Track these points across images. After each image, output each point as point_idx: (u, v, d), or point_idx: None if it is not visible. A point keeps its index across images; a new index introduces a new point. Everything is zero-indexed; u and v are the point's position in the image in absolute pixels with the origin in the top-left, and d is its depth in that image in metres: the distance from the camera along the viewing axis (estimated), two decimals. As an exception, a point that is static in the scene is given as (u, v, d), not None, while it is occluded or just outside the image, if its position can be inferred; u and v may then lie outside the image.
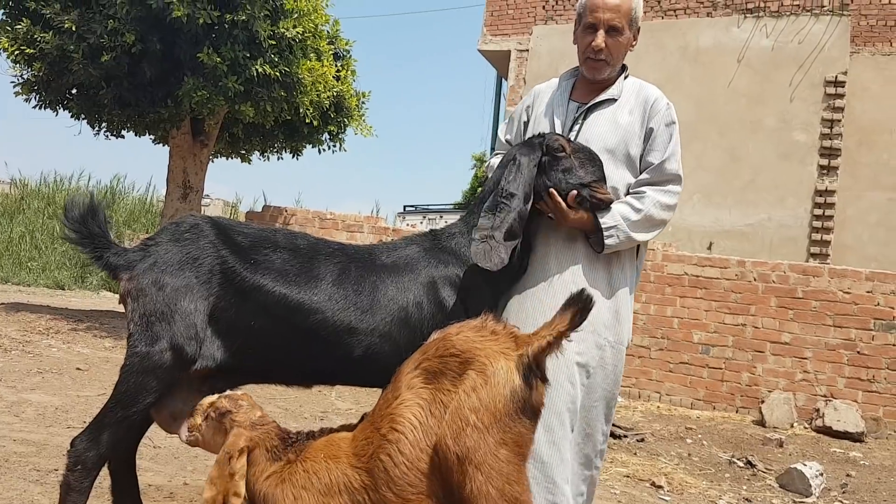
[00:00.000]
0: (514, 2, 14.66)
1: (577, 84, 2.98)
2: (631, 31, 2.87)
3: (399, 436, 2.12)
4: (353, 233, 10.17)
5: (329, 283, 2.52)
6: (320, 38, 9.08)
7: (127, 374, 2.42)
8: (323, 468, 2.23)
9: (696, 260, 8.74)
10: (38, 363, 6.43)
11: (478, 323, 2.22)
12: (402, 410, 2.14)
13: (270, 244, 2.57)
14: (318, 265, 2.56)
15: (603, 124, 2.83)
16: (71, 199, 2.59)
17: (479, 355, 2.13)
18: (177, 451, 4.39)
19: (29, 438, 4.25)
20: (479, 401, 2.07)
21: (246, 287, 2.48)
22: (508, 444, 2.07)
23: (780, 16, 12.46)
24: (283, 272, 2.51)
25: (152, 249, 2.52)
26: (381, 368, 2.51)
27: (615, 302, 2.80)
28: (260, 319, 2.47)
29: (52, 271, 14.68)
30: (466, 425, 2.05)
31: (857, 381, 7.92)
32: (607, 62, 2.83)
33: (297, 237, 2.64)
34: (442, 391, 2.13)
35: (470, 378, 2.10)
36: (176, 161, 9.78)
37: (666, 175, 2.81)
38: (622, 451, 6.11)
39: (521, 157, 2.67)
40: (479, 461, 2.03)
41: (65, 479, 2.43)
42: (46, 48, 7.90)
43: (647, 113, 2.85)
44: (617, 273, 2.82)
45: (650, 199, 2.76)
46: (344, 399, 6.80)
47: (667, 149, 2.81)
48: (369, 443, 2.20)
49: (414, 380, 2.18)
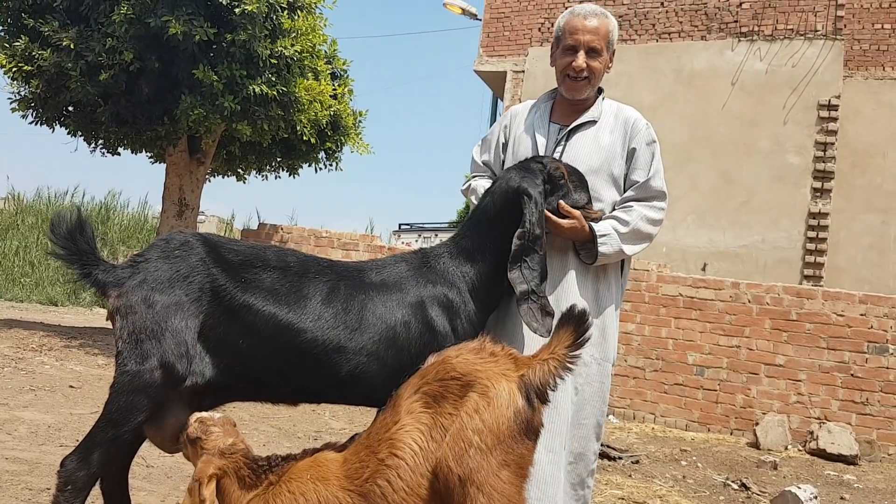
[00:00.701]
0: (510, 24, 14.76)
1: (556, 106, 3.03)
2: (608, 53, 2.94)
3: (399, 461, 2.10)
4: (349, 251, 10.15)
5: (318, 302, 2.51)
6: (318, 57, 9.11)
7: (117, 392, 2.39)
8: (311, 489, 2.21)
9: (690, 281, 8.74)
10: (30, 380, 6.39)
11: (476, 345, 2.22)
12: (403, 435, 2.13)
13: (261, 262, 2.55)
14: (307, 283, 2.54)
15: (586, 145, 2.89)
16: (58, 215, 2.53)
17: (481, 377, 2.12)
18: (170, 471, 4.35)
19: (21, 457, 4.21)
20: (482, 422, 2.06)
21: (236, 305, 2.46)
22: (510, 465, 2.07)
23: (774, 40, 12.55)
24: (272, 291, 2.49)
25: (142, 266, 2.48)
26: (368, 387, 2.51)
27: (602, 319, 2.85)
28: (249, 338, 2.46)
29: (46, 287, 14.63)
30: (469, 447, 2.04)
31: (851, 404, 7.91)
32: (589, 81, 2.89)
33: (287, 255, 2.63)
34: (443, 415, 2.12)
35: (472, 400, 2.09)
36: (172, 178, 9.78)
37: (652, 192, 2.87)
38: (617, 472, 6.07)
39: (531, 189, 2.66)
40: (482, 482, 2.02)
41: (55, 500, 2.39)
42: (44, 65, 7.92)
43: (628, 133, 2.91)
44: (603, 290, 2.87)
45: (637, 213, 2.82)
46: (338, 418, 6.76)
47: (650, 167, 2.88)
48: (364, 466, 2.17)
49: (414, 404, 2.16)
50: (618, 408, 8.72)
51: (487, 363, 2.16)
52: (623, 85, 12.55)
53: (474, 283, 2.67)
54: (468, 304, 2.63)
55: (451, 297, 2.61)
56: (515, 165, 2.84)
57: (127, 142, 9.54)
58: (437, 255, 2.73)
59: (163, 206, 9.91)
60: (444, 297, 2.60)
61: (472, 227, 2.77)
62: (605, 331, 2.85)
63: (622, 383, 8.73)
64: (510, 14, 14.76)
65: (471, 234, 2.75)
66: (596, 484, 5.43)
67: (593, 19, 2.88)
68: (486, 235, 2.72)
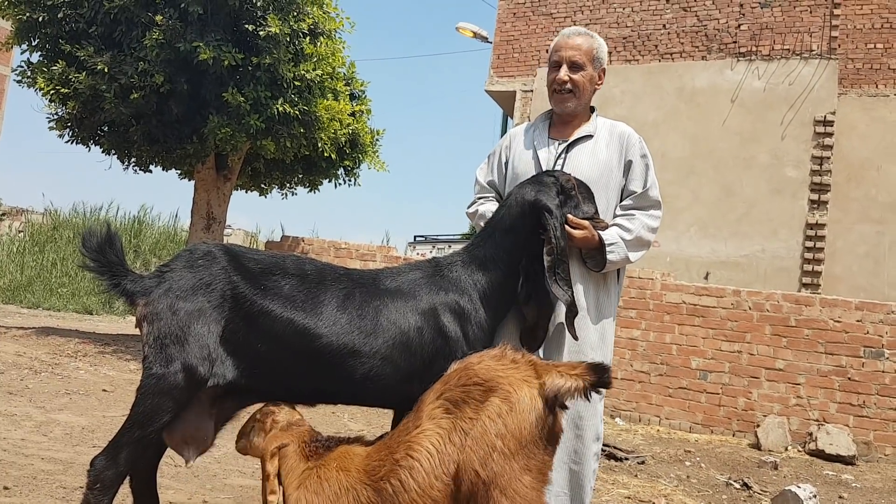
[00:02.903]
0: (519, 46, 14.77)
1: (553, 124, 3.10)
2: (594, 69, 3.00)
3: (414, 463, 2.10)
4: (367, 261, 10.15)
5: (334, 308, 2.50)
6: (337, 79, 9.15)
7: (143, 395, 2.40)
8: (333, 477, 2.25)
9: (693, 289, 8.69)
10: (66, 385, 6.41)
11: (497, 352, 2.21)
12: (421, 439, 2.13)
13: (280, 270, 2.56)
14: (324, 290, 2.54)
15: (584, 159, 2.92)
16: (88, 230, 2.57)
17: (503, 383, 2.10)
18: (197, 471, 4.35)
19: (56, 457, 4.22)
20: (505, 427, 2.04)
21: (255, 311, 2.46)
22: (532, 470, 2.05)
23: (772, 59, 12.49)
24: (290, 297, 2.49)
25: (167, 276, 2.50)
26: (382, 389, 2.50)
27: (601, 325, 2.87)
28: (268, 342, 2.46)
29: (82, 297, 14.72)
30: (493, 450, 2.02)
31: (849, 407, 7.82)
32: (573, 94, 2.96)
33: (304, 263, 2.63)
34: (463, 419, 2.10)
35: (494, 405, 2.07)
36: (200, 194, 9.83)
37: (649, 201, 2.92)
38: (623, 472, 6.02)
39: (550, 203, 2.66)
40: (505, 486, 2.00)
41: (85, 498, 2.40)
42: (80, 88, 7.99)
43: (623, 146, 2.95)
44: (603, 297, 2.89)
45: (639, 222, 2.86)
46: (356, 420, 6.74)
47: (646, 178, 2.93)
48: (382, 464, 2.18)
49: (435, 410, 2.16)
50: (624, 410, 8.65)
51: (509, 369, 2.14)
52: (627, 103, 12.52)
53: (486, 290, 2.66)
54: (479, 311, 2.62)
55: (462, 304, 2.60)
56: (529, 179, 2.84)
57: (158, 159, 9.59)
58: (449, 263, 2.72)
59: (191, 220, 9.95)
60: (456, 304, 2.59)
61: (486, 238, 2.77)
62: (604, 336, 2.87)
63: (628, 387, 8.67)
64: (519, 37, 14.78)
65: (483, 244, 2.75)
66: (603, 483, 5.39)
67: (577, 38, 2.99)
68: (500, 246, 2.71)
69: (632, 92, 12.78)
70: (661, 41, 13.36)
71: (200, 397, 2.45)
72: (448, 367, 2.40)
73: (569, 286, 2.59)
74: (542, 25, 14.54)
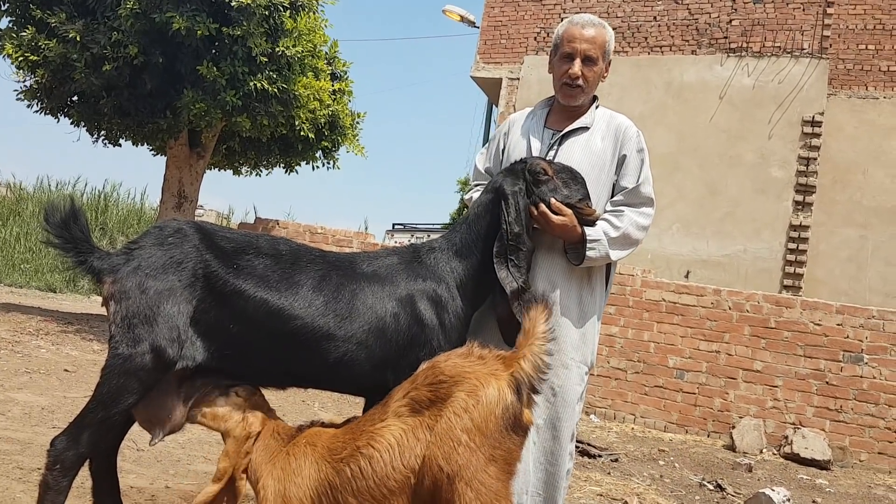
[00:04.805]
0: (507, 32, 14.75)
1: (552, 112, 3.04)
2: (604, 62, 2.94)
3: (374, 453, 2.17)
4: (343, 247, 10.12)
5: (309, 290, 2.49)
6: (318, 57, 9.07)
7: (108, 375, 2.37)
8: (301, 452, 2.32)
9: (673, 287, 8.75)
10: (26, 363, 6.34)
11: (464, 350, 2.27)
12: (384, 432, 2.19)
13: (253, 249, 2.53)
14: (298, 271, 2.53)
15: (577, 150, 2.88)
16: (51, 204, 2.51)
17: (470, 378, 2.16)
18: (159, 455, 4.32)
19: (14, 437, 4.17)
20: (471, 421, 2.09)
21: (228, 291, 2.44)
22: (498, 460, 2.10)
23: (762, 56, 12.58)
24: (264, 277, 2.47)
25: (136, 253, 2.46)
26: (356, 375, 2.50)
27: (583, 324, 2.85)
28: (240, 323, 2.44)
29: (45, 274, 14.56)
30: (458, 444, 2.07)
31: (826, 411, 7.92)
32: (583, 89, 2.91)
33: (279, 243, 2.61)
34: (429, 417, 2.16)
35: (460, 399, 2.12)
36: (172, 171, 9.73)
37: (641, 198, 2.87)
38: (596, 470, 6.06)
39: (507, 188, 2.67)
40: (469, 478, 2.05)
41: (44, 479, 2.37)
42: (50, 56, 7.87)
43: (619, 140, 2.91)
44: (587, 297, 2.87)
45: (628, 219, 2.81)
46: (327, 409, 6.73)
47: (640, 174, 2.88)
48: (344, 447, 2.25)
49: (402, 408, 2.21)
50: (599, 408, 8.71)
51: (476, 365, 2.20)
52: (615, 95, 12.56)
53: (462, 279, 2.67)
54: (456, 299, 2.62)
55: (440, 292, 2.60)
56: (504, 168, 2.85)
57: (129, 133, 9.49)
58: (428, 249, 2.73)
59: (162, 198, 9.85)
60: (434, 292, 2.59)
61: (463, 225, 2.78)
62: (585, 335, 2.85)
63: (604, 384, 8.72)
64: (507, 23, 14.76)
65: (461, 231, 2.76)
66: (576, 480, 5.43)
67: (590, 29, 2.88)
68: (475, 233, 2.73)
69: (619, 84, 12.81)
70: (651, 33, 13.41)
71: (168, 378, 2.43)
72: (421, 356, 2.44)
73: (521, 274, 2.58)
74: (532, 12, 14.52)
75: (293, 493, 2.26)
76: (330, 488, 2.22)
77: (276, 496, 2.27)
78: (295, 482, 2.27)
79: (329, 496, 2.21)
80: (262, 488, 2.31)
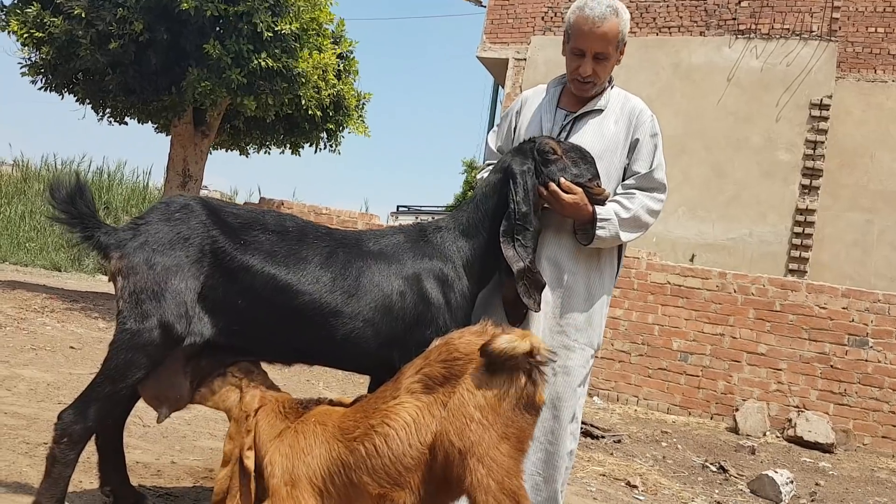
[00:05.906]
0: (514, 12, 14.66)
1: (565, 92, 2.98)
2: (617, 51, 2.87)
3: (390, 431, 2.16)
4: (348, 228, 10.12)
5: (316, 266, 2.49)
6: (324, 36, 9.01)
7: (116, 350, 2.37)
8: (310, 430, 2.31)
9: (678, 270, 8.74)
10: (32, 340, 6.36)
11: (478, 328, 2.25)
12: (399, 409, 2.18)
13: (260, 226, 2.53)
14: (305, 248, 2.52)
15: (589, 133, 2.84)
16: (56, 180, 2.50)
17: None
18: (165, 431, 4.34)
19: (20, 412, 4.19)
20: (483, 398, 2.10)
21: (235, 267, 2.43)
22: (510, 438, 2.10)
23: (771, 38, 12.49)
24: (271, 253, 2.47)
25: (143, 228, 2.46)
26: (362, 353, 2.50)
27: (590, 307, 2.83)
28: (247, 298, 2.44)
29: (50, 252, 14.57)
30: (471, 421, 2.08)
31: (830, 394, 7.94)
32: (594, 84, 2.85)
33: (286, 219, 2.61)
34: (443, 394, 2.16)
35: (475, 377, 2.12)
36: (177, 150, 9.71)
37: (654, 183, 2.84)
38: (599, 450, 6.08)
39: (516, 167, 2.66)
40: (482, 454, 2.06)
41: (51, 452, 2.38)
42: (55, 32, 7.82)
43: (632, 124, 2.86)
44: (595, 279, 2.85)
45: (639, 202, 2.79)
46: (332, 389, 6.76)
47: (653, 158, 2.84)
48: (357, 426, 2.24)
49: (414, 384, 2.21)
50: (602, 389, 8.73)
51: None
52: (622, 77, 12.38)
53: (469, 258, 2.66)
54: (462, 279, 2.62)
55: (446, 270, 2.60)
56: (513, 147, 2.83)
57: (133, 111, 9.45)
58: (434, 228, 2.72)
59: (166, 177, 9.84)
60: (440, 270, 2.59)
61: (470, 205, 2.77)
62: (591, 318, 2.83)
63: (608, 366, 8.74)
64: (514, 2, 14.67)
65: (468, 211, 2.75)
66: (578, 461, 5.45)
67: (604, 24, 2.74)
68: (482, 212, 2.72)
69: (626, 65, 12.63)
70: (660, 14, 13.32)
71: (175, 354, 2.43)
72: (427, 334, 2.44)
73: (528, 254, 2.57)
74: (538, -8, 14.42)
75: (302, 471, 2.25)
76: (343, 467, 2.21)
77: (284, 472, 2.27)
78: (304, 461, 2.26)
79: (342, 475, 2.21)
80: (269, 464, 2.31)
